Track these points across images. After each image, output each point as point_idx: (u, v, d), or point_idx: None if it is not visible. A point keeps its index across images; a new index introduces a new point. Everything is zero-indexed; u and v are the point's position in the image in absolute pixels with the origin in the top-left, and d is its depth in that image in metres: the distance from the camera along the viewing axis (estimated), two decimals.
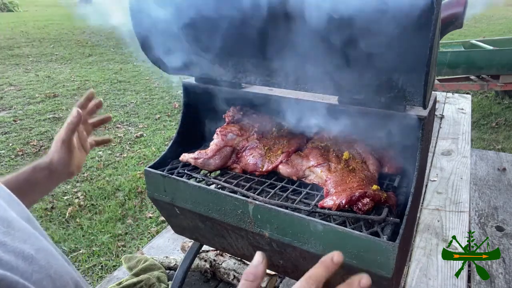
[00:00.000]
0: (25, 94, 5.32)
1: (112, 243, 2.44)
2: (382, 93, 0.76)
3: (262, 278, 0.48)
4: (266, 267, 0.48)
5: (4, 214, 0.49)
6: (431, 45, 0.58)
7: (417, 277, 1.14)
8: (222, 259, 1.39)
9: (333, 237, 0.71)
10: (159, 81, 5.91)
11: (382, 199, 0.76)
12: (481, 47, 4.63)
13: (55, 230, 2.56)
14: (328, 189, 0.83)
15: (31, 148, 3.76)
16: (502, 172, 2.18)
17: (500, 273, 1.31)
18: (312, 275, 0.46)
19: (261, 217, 0.81)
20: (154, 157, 3.52)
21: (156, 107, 4.91)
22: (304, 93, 0.89)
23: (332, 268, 0.47)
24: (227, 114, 1.06)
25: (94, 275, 2.19)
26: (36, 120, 4.43)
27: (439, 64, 4.13)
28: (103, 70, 6.73)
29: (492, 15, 12.03)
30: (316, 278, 0.46)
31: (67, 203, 2.87)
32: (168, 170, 0.97)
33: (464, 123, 2.25)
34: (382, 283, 0.70)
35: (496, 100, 4.99)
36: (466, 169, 1.75)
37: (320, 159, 0.89)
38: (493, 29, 9.80)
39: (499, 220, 1.67)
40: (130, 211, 2.77)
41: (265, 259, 0.47)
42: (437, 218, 1.41)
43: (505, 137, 3.96)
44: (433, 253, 1.23)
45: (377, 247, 0.67)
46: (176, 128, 1.08)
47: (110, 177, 3.23)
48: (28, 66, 6.93)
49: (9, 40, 9.18)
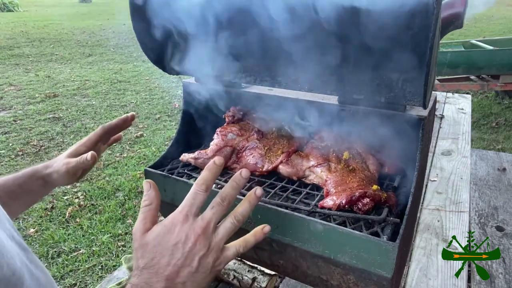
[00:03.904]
0: (25, 94, 5.32)
1: (112, 243, 2.44)
2: (382, 93, 0.76)
3: (158, 198, 0.56)
4: (156, 189, 0.57)
5: None
6: (431, 45, 0.58)
7: (417, 277, 1.14)
8: None
9: (333, 237, 0.71)
10: (159, 81, 5.91)
11: (382, 199, 0.76)
12: (481, 47, 4.63)
13: (55, 230, 2.56)
14: (328, 189, 0.83)
15: (31, 148, 3.76)
16: (502, 172, 2.18)
17: (500, 273, 1.31)
18: (203, 179, 0.55)
19: (261, 217, 0.81)
20: (154, 157, 3.52)
21: (156, 107, 4.91)
22: (304, 93, 0.89)
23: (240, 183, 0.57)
24: (227, 114, 1.06)
25: (94, 275, 2.19)
26: (36, 120, 4.43)
27: (439, 64, 4.13)
28: (103, 70, 6.73)
29: (492, 15, 12.02)
30: (206, 181, 0.55)
31: (67, 203, 2.87)
32: (168, 170, 0.97)
33: (464, 123, 2.25)
34: (382, 283, 0.70)
35: (496, 100, 4.99)
36: (466, 169, 1.74)
37: (320, 159, 0.89)
38: (493, 29, 9.80)
39: (499, 220, 1.67)
40: (130, 211, 2.77)
41: (152, 183, 0.57)
42: (437, 218, 1.41)
43: (505, 137, 3.96)
44: (433, 253, 1.23)
45: (377, 247, 0.67)
46: (176, 128, 1.08)
47: (110, 177, 3.24)
48: (28, 66, 6.93)
49: (9, 40, 9.18)
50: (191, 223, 0.53)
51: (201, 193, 0.54)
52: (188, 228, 0.52)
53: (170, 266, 0.51)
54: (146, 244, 0.52)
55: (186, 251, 0.51)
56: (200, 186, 0.54)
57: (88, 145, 0.85)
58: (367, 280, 0.72)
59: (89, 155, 0.79)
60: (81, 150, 0.84)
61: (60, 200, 2.90)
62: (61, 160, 0.82)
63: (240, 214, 0.56)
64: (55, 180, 0.81)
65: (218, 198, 0.55)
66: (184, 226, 0.52)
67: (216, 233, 0.54)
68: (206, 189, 0.54)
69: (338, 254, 0.72)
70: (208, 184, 0.54)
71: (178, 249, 0.51)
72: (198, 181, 0.55)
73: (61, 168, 0.80)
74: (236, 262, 1.36)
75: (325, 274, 0.79)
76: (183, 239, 0.52)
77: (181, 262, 0.51)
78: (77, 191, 3.02)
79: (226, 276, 1.36)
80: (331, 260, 0.73)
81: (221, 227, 0.55)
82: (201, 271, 0.52)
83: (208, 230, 0.53)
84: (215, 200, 0.55)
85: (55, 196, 2.95)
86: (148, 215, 0.55)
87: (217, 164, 0.56)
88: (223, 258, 0.55)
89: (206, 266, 0.52)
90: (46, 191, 0.86)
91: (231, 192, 0.56)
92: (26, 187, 0.80)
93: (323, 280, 0.82)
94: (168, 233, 0.52)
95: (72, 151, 0.84)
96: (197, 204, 0.54)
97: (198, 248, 0.52)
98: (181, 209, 0.54)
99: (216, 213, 0.54)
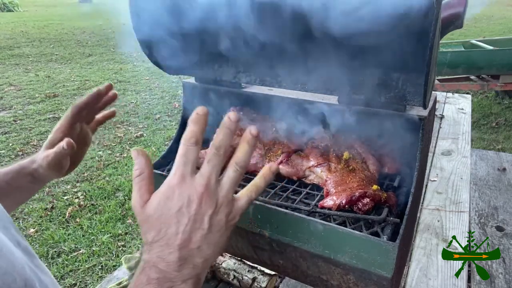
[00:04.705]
0: (25, 94, 5.32)
1: (112, 243, 2.44)
2: (382, 93, 0.76)
3: (149, 165, 0.51)
4: (145, 155, 0.51)
5: None
6: (431, 45, 0.58)
7: (417, 277, 1.14)
8: (222, 259, 1.39)
9: (333, 237, 0.71)
10: (159, 81, 5.91)
11: (382, 199, 0.76)
12: (481, 47, 4.63)
13: (55, 230, 2.56)
14: (328, 189, 0.83)
15: (31, 148, 3.76)
16: (502, 172, 2.18)
17: (500, 273, 1.31)
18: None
19: (261, 217, 0.81)
20: (154, 157, 3.52)
21: (156, 107, 4.91)
22: (304, 93, 0.89)
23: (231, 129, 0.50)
24: None
25: (94, 275, 2.19)
26: (36, 120, 4.43)
27: (439, 64, 4.12)
28: (103, 70, 6.73)
29: (492, 15, 12.02)
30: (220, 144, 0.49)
31: (67, 203, 2.87)
32: (168, 170, 0.97)
33: (464, 123, 2.25)
34: (382, 283, 0.70)
35: (496, 100, 4.99)
36: (466, 169, 1.74)
37: (320, 159, 0.89)
38: (493, 29, 9.80)
39: (499, 220, 1.67)
40: (130, 211, 2.77)
41: (140, 150, 0.52)
42: (437, 218, 1.41)
43: (505, 137, 3.96)
44: (433, 253, 1.23)
45: (377, 247, 0.67)
46: (176, 128, 1.08)
47: (110, 177, 3.24)
48: (28, 66, 6.93)
49: (9, 40, 9.18)
50: (189, 183, 0.48)
51: (192, 148, 0.48)
52: (188, 189, 0.47)
53: (180, 234, 0.46)
54: (148, 217, 0.48)
55: (192, 214, 0.47)
56: (189, 140, 0.48)
57: (63, 130, 0.77)
58: (367, 280, 0.72)
59: (64, 143, 0.71)
60: (58, 137, 0.76)
61: (60, 200, 2.90)
62: (41, 153, 0.76)
63: (241, 160, 0.50)
64: (42, 175, 0.76)
65: (212, 149, 0.49)
66: (183, 187, 0.48)
67: (220, 186, 0.49)
68: (196, 142, 0.49)
69: (338, 254, 0.72)
70: (197, 137, 0.49)
71: (183, 214, 0.47)
72: (185, 136, 0.49)
73: (42, 162, 0.74)
74: (236, 262, 1.36)
75: (325, 274, 0.79)
76: (186, 202, 0.47)
77: (190, 227, 0.47)
78: (77, 191, 3.02)
79: (226, 276, 1.36)
80: (331, 260, 0.73)
81: (224, 179, 0.50)
82: (215, 230, 0.48)
83: (210, 185, 0.48)
84: (210, 151, 0.49)
85: (55, 196, 2.95)
86: (143, 185, 0.50)
87: (201, 114, 0.50)
88: (236, 209, 0.50)
89: (219, 224, 0.48)
90: (36, 187, 0.80)
91: (225, 139, 0.49)
92: (15, 184, 0.75)
93: (323, 280, 0.82)
94: (167, 200, 0.47)
95: (49, 141, 0.77)
96: (191, 161, 0.48)
97: (204, 207, 0.47)
98: (175, 170, 0.48)
99: (215, 166, 0.49)
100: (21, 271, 0.47)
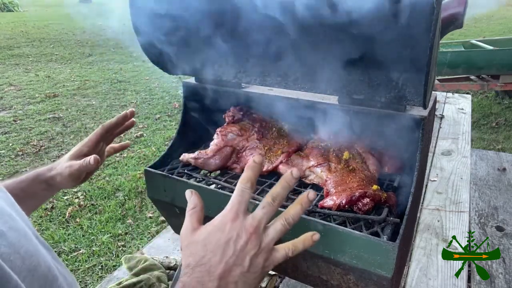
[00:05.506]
0: (25, 94, 5.32)
1: (112, 243, 2.44)
2: (382, 93, 0.76)
3: (201, 202, 0.58)
4: (197, 194, 0.59)
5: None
6: (431, 45, 0.58)
7: (417, 277, 1.14)
8: None
9: (333, 237, 0.71)
10: (159, 81, 5.91)
11: (382, 199, 0.76)
12: (481, 47, 4.63)
13: (55, 230, 2.56)
14: (328, 189, 0.83)
15: (31, 148, 3.76)
16: (502, 172, 2.18)
17: (500, 273, 1.31)
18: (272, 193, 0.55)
19: None
20: (154, 157, 3.52)
21: (156, 107, 4.91)
22: (304, 93, 0.89)
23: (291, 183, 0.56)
24: (227, 114, 1.06)
25: (94, 275, 2.19)
26: (36, 120, 4.43)
27: (439, 64, 4.12)
28: (103, 70, 6.73)
29: (492, 15, 12.02)
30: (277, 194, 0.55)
31: (67, 203, 2.87)
32: (168, 170, 0.97)
33: (464, 123, 2.25)
34: (382, 283, 0.70)
35: (496, 100, 4.99)
36: (466, 169, 1.74)
37: (320, 159, 0.89)
38: (493, 29, 9.80)
39: (499, 220, 1.67)
40: (130, 211, 2.77)
41: (193, 191, 0.59)
42: (437, 218, 1.41)
43: (505, 137, 3.96)
44: (433, 253, 1.23)
45: (377, 247, 0.67)
46: (176, 128, 1.08)
47: (110, 177, 3.24)
48: (28, 66, 6.93)
49: (9, 40, 9.18)
50: (241, 221, 0.52)
51: (247, 191, 0.53)
52: (239, 226, 0.51)
53: (222, 264, 0.50)
54: (196, 242, 0.52)
55: (238, 249, 0.50)
56: (246, 184, 0.54)
57: (90, 145, 0.84)
58: (367, 280, 0.72)
59: (92, 159, 0.77)
60: (84, 151, 0.83)
61: (60, 200, 2.90)
62: (64, 162, 0.81)
63: (291, 217, 0.55)
64: (58, 183, 0.80)
65: (268, 197, 0.54)
66: (235, 224, 0.51)
67: (266, 233, 0.53)
68: (251, 186, 0.54)
69: (338, 254, 0.72)
70: (252, 181, 0.54)
71: (230, 247, 0.50)
72: (242, 180, 0.54)
73: (64, 170, 0.79)
74: None
75: (325, 274, 0.79)
76: (235, 237, 0.51)
77: (233, 261, 0.50)
78: (77, 191, 3.01)
79: None
80: (331, 260, 0.73)
81: (271, 228, 0.54)
82: (252, 271, 0.51)
83: (259, 229, 0.52)
84: (266, 199, 0.54)
85: (55, 196, 2.94)
86: (194, 216, 0.55)
87: (257, 162, 0.55)
88: (272, 259, 0.53)
89: (257, 266, 0.51)
90: (49, 194, 0.84)
91: (282, 192, 0.54)
92: (29, 191, 0.78)
93: (323, 280, 0.82)
94: (218, 231, 0.51)
95: (75, 152, 0.83)
96: (245, 202, 0.53)
97: (249, 247, 0.51)
98: (230, 207, 0.53)
99: (267, 213, 0.53)
100: (45, 258, 0.50)
